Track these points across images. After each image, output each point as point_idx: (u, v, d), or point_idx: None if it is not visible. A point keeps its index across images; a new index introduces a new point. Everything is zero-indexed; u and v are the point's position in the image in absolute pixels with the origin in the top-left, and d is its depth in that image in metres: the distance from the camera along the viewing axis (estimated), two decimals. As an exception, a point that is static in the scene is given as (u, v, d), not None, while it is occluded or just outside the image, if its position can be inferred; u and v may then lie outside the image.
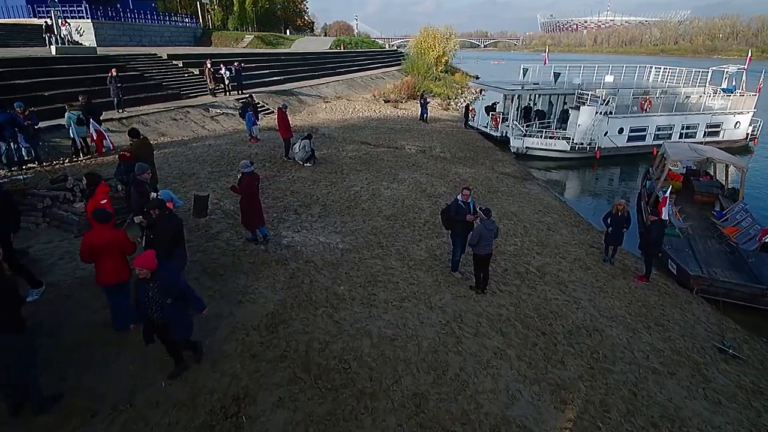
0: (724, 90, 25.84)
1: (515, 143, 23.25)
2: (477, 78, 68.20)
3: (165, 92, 21.43)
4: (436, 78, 48.56)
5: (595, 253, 11.22)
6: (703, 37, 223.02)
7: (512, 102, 26.11)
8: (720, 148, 25.05)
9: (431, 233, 10.57)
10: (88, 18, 37.28)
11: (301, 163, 14.73)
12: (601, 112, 22.83)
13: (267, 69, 31.90)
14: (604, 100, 23.09)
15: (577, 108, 23.97)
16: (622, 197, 13.92)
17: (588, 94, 23.91)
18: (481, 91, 29.11)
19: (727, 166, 16.37)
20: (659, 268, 11.10)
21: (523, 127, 23.72)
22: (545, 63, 28.34)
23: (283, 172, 13.63)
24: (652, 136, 24.08)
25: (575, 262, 10.32)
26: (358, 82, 37.77)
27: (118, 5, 42.96)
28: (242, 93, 24.32)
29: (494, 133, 26.30)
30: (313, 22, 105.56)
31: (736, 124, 25.39)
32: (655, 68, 31.04)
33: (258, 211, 8.43)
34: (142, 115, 17.53)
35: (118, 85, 16.98)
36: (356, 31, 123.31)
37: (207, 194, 9.19)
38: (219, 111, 20.67)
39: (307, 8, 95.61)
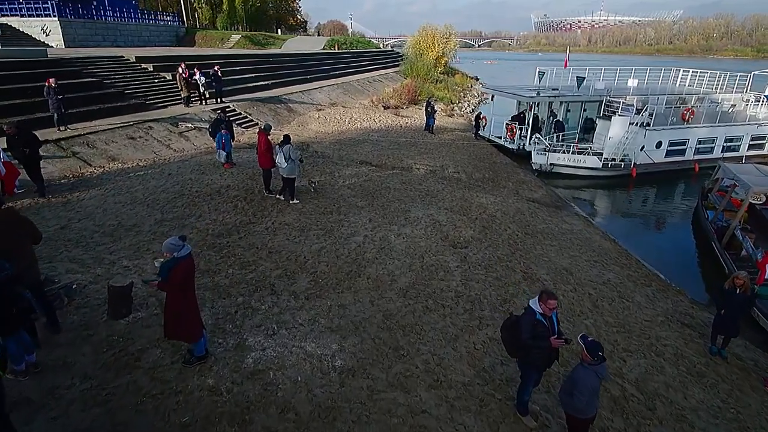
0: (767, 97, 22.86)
1: (538, 159, 20.07)
2: (477, 79, 65.42)
3: (127, 102, 18.02)
4: (437, 80, 45.42)
5: (693, 337, 8.04)
6: (698, 37, 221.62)
7: (530, 110, 22.93)
8: (763, 163, 22.21)
9: (469, 319, 7.32)
10: (54, 16, 33.73)
11: (284, 199, 11.42)
12: (636, 123, 19.71)
13: (253, 72, 28.54)
14: (639, 109, 20.00)
15: (607, 118, 20.86)
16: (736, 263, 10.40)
17: (619, 102, 20.82)
18: (492, 97, 25.86)
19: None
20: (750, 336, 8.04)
21: (546, 140, 20.56)
22: (566, 66, 25.25)
23: (260, 218, 10.29)
24: (693, 150, 21.03)
25: (679, 363, 7.11)
26: (354, 85, 34.48)
27: (93, 2, 39.38)
28: (221, 101, 20.99)
29: (510, 146, 23.17)
30: (306, 21, 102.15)
31: (784, 135, 22.42)
32: (684, 71, 28.02)
33: (194, 314, 5.17)
34: (89, 133, 14.13)
35: (59, 97, 13.58)
36: (351, 30, 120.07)
37: (129, 282, 5.91)
38: (190, 125, 17.32)
39: (299, 7, 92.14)
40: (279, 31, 74.79)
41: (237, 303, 6.81)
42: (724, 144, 21.47)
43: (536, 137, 20.59)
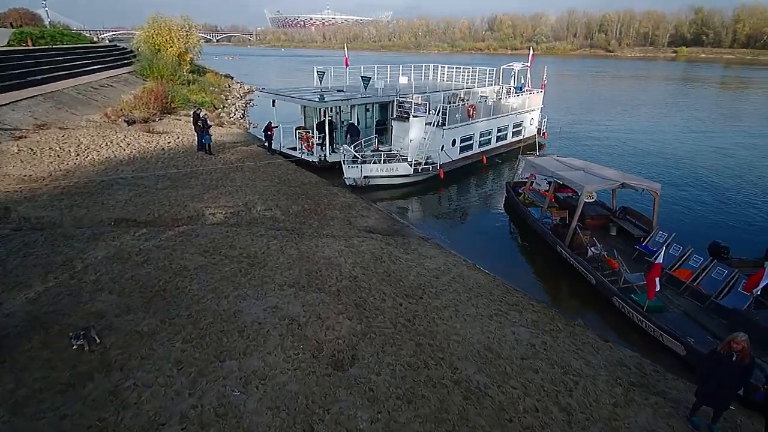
0: (516, 88, 26.00)
1: (351, 173, 17.39)
2: (232, 78, 59.49)
3: None
4: (188, 82, 38.12)
5: (663, 407, 6.47)
6: (409, 35, 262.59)
7: (323, 116, 19.97)
8: (520, 146, 25.27)
9: None
10: None
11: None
12: (433, 123, 19.10)
13: None
14: (431, 109, 19.44)
15: (402, 119, 19.74)
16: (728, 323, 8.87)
17: (410, 103, 19.84)
18: (273, 102, 21.77)
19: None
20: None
21: (353, 149, 17.98)
22: (347, 64, 23.15)
23: None
24: (477, 143, 22.02)
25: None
26: (72, 95, 24.76)
27: None
28: None
29: (310, 159, 19.82)
30: (-32, 6, 73.98)
31: (531, 121, 25.93)
32: (441, 67, 29.89)
33: None
34: None
35: None
36: (48, 20, 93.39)
37: None
38: None
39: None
40: None
41: None
42: (497, 134, 23.27)
43: (344, 148, 17.80)
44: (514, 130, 24.59)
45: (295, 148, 20.97)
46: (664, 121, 35.16)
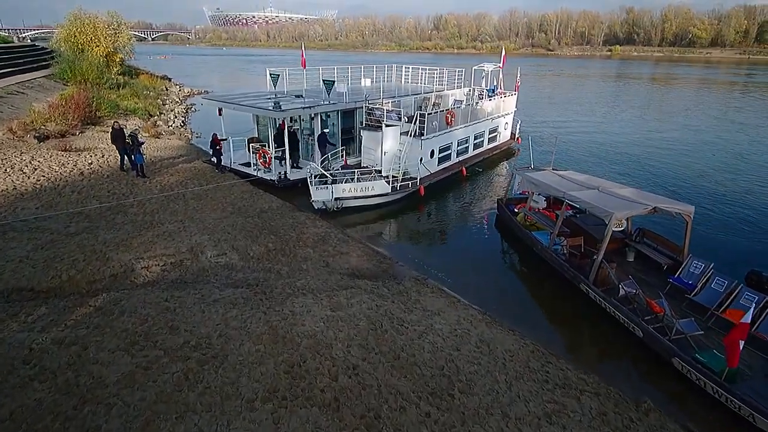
0: (488, 91, 24.20)
1: (319, 196, 14.68)
2: (170, 79, 54.36)
3: None
4: (118, 85, 33.56)
5: None
6: (356, 34, 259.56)
7: (284, 127, 17.09)
8: (498, 152, 23.54)
9: None
10: None
11: None
12: (409, 133, 16.78)
13: None
14: (410, 117, 17.13)
15: (373, 128, 17.30)
16: None
17: (381, 110, 17.40)
18: (220, 111, 18.55)
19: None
20: None
21: (319, 165, 15.26)
22: (304, 66, 20.29)
23: None
24: (455, 153, 19.93)
25: None
26: (-36, 105, 20.25)
27: None
28: None
29: (268, 177, 16.89)
30: None
31: (505, 125, 24.26)
32: (406, 68, 27.64)
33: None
34: None
35: None
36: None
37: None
38: None
39: None
40: None
41: None
42: (474, 142, 21.32)
43: (311, 165, 15.04)
44: (490, 136, 22.77)
45: (249, 164, 17.94)
46: (619, 120, 34.96)
